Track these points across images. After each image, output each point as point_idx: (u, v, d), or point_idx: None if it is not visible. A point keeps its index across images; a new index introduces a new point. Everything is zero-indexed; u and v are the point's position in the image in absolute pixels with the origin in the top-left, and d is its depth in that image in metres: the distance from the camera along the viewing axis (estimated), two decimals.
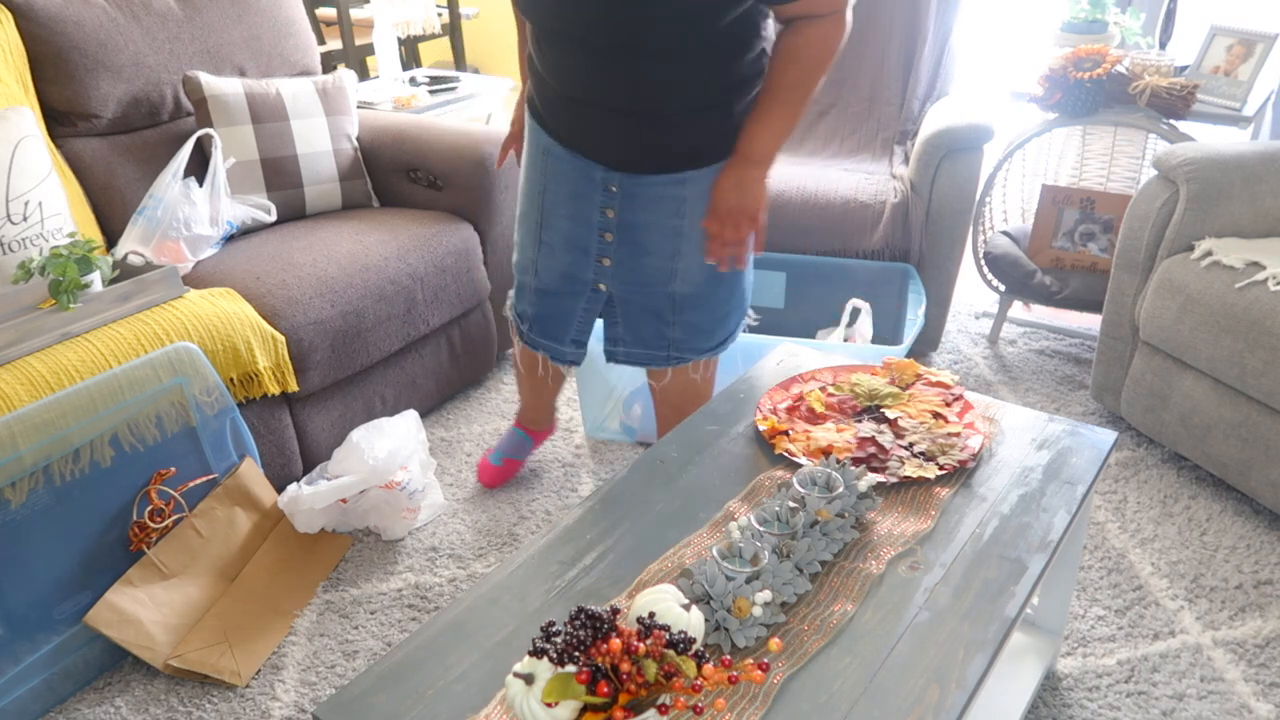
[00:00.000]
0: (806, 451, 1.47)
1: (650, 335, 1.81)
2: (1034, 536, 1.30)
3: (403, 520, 2.04)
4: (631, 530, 1.32)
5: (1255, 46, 2.48)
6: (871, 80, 2.92)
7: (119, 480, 1.72)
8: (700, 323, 1.79)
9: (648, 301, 1.77)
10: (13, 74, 2.00)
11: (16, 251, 1.81)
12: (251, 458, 1.93)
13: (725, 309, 1.80)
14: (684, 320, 1.78)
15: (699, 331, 1.80)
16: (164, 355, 1.75)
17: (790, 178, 2.58)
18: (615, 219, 1.69)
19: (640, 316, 1.79)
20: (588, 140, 1.65)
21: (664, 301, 1.76)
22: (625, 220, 1.69)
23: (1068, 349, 2.77)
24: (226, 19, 2.39)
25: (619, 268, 1.74)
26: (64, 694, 1.67)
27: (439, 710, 1.05)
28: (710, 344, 1.83)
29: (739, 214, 1.61)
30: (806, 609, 1.18)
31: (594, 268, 1.75)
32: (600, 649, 0.93)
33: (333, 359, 2.07)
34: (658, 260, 1.71)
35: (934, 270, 2.53)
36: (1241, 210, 2.10)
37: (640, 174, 1.64)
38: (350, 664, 1.75)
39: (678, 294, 1.75)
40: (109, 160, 2.18)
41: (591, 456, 2.33)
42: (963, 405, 1.57)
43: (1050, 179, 3.04)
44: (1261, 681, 1.65)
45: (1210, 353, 1.98)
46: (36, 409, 1.57)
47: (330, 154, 2.39)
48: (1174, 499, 2.11)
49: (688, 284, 1.73)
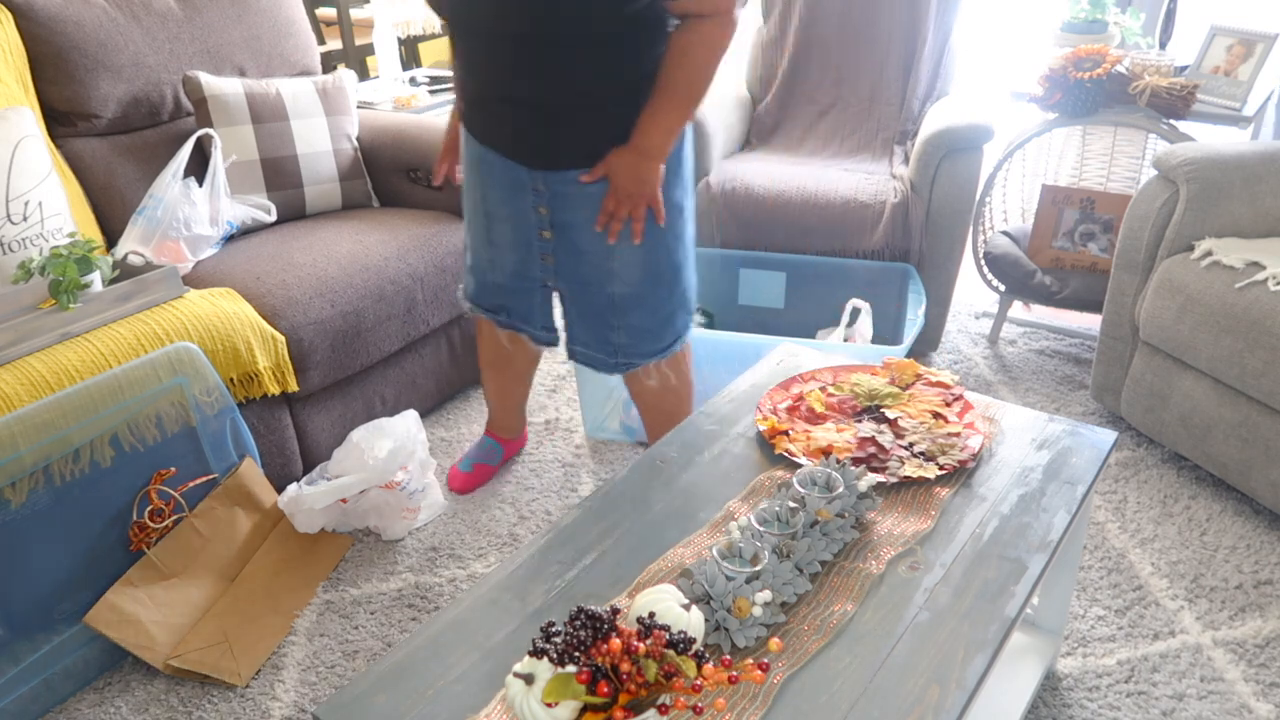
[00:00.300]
0: (806, 451, 1.47)
1: (597, 339, 1.84)
2: (1034, 536, 1.30)
3: (403, 520, 2.04)
4: (631, 530, 1.32)
5: (1255, 46, 2.48)
6: (871, 80, 2.92)
7: (119, 480, 1.72)
8: (644, 325, 1.80)
9: (592, 302, 1.79)
10: (13, 74, 2.00)
11: (16, 251, 1.81)
12: (251, 458, 1.93)
13: (668, 310, 1.81)
14: (627, 324, 1.80)
15: (644, 334, 1.81)
16: (164, 355, 1.75)
17: (790, 178, 2.58)
18: (550, 217, 1.72)
19: (587, 318, 1.82)
20: (504, 140, 1.68)
21: (605, 303, 1.78)
22: (559, 219, 1.72)
23: (1068, 349, 2.77)
24: (226, 19, 2.39)
25: (560, 266, 1.77)
26: (64, 694, 1.67)
27: (439, 710, 1.05)
28: (658, 347, 1.84)
29: (636, 198, 1.65)
30: (806, 609, 1.18)
31: (539, 265, 1.79)
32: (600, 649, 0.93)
33: (333, 359, 2.07)
34: (594, 259, 1.74)
35: (934, 270, 2.53)
36: (1241, 210, 2.10)
37: (561, 172, 1.67)
38: (350, 664, 1.75)
39: (617, 295, 1.76)
40: (109, 160, 2.18)
41: (591, 456, 2.33)
42: (963, 405, 1.57)
43: (1050, 179, 3.04)
44: (1261, 681, 1.65)
45: (1210, 353, 1.98)
46: (36, 409, 1.57)
47: (330, 154, 2.39)
48: (1174, 499, 2.11)
49: (626, 284, 1.75)
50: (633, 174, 1.62)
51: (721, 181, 2.60)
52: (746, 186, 2.57)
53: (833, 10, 2.93)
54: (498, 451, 2.26)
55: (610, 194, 1.66)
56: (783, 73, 2.98)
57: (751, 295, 2.63)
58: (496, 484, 2.22)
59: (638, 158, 1.62)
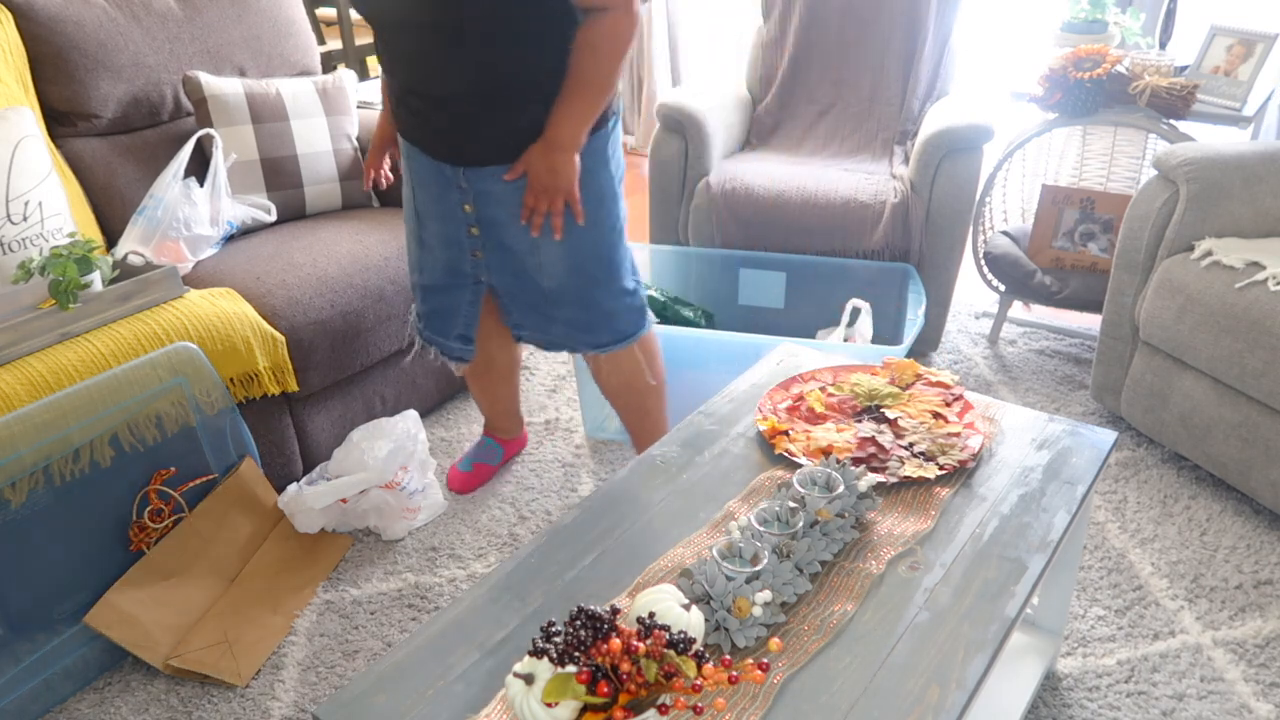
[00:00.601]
0: (806, 451, 1.47)
1: (538, 324, 1.87)
2: (1034, 536, 1.30)
3: (403, 520, 2.04)
4: (631, 530, 1.32)
5: (1255, 46, 2.48)
6: (871, 80, 2.92)
7: (119, 480, 1.72)
8: (578, 320, 1.83)
9: (525, 295, 1.82)
10: (13, 74, 2.00)
11: (16, 251, 1.81)
12: (251, 458, 1.93)
13: (606, 307, 1.83)
14: (562, 317, 1.84)
15: (580, 328, 1.84)
16: (164, 355, 1.75)
17: (790, 178, 2.58)
18: (475, 214, 1.75)
19: (525, 310, 1.86)
20: (426, 137, 1.71)
21: (539, 297, 1.81)
22: (484, 216, 1.74)
23: (1068, 349, 2.77)
24: (226, 19, 2.39)
25: (491, 261, 1.80)
26: (64, 694, 1.67)
27: (439, 710, 1.05)
28: (598, 341, 1.86)
29: (553, 192, 1.66)
30: (806, 609, 1.18)
31: (470, 261, 1.82)
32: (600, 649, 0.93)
33: (333, 359, 2.07)
34: (520, 255, 1.77)
35: (934, 270, 2.53)
36: (1241, 210, 2.10)
37: (481, 169, 1.68)
38: (350, 664, 1.75)
39: (547, 289, 1.79)
40: (109, 160, 2.18)
41: (591, 456, 2.33)
42: (963, 405, 1.57)
43: (1050, 179, 3.04)
44: (1261, 681, 1.65)
45: (1210, 353, 1.98)
46: (36, 409, 1.57)
47: (330, 154, 2.39)
48: (1174, 499, 2.11)
49: (553, 279, 1.78)
50: (547, 167, 1.63)
51: (721, 181, 2.60)
52: (746, 186, 2.57)
53: (833, 10, 2.93)
54: (497, 451, 2.26)
55: (528, 189, 1.67)
56: (783, 73, 2.98)
57: (751, 295, 2.63)
58: (496, 484, 2.22)
59: (551, 150, 1.62)
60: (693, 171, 2.68)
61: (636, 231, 3.78)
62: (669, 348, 2.21)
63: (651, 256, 2.68)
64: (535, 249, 1.75)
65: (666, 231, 2.78)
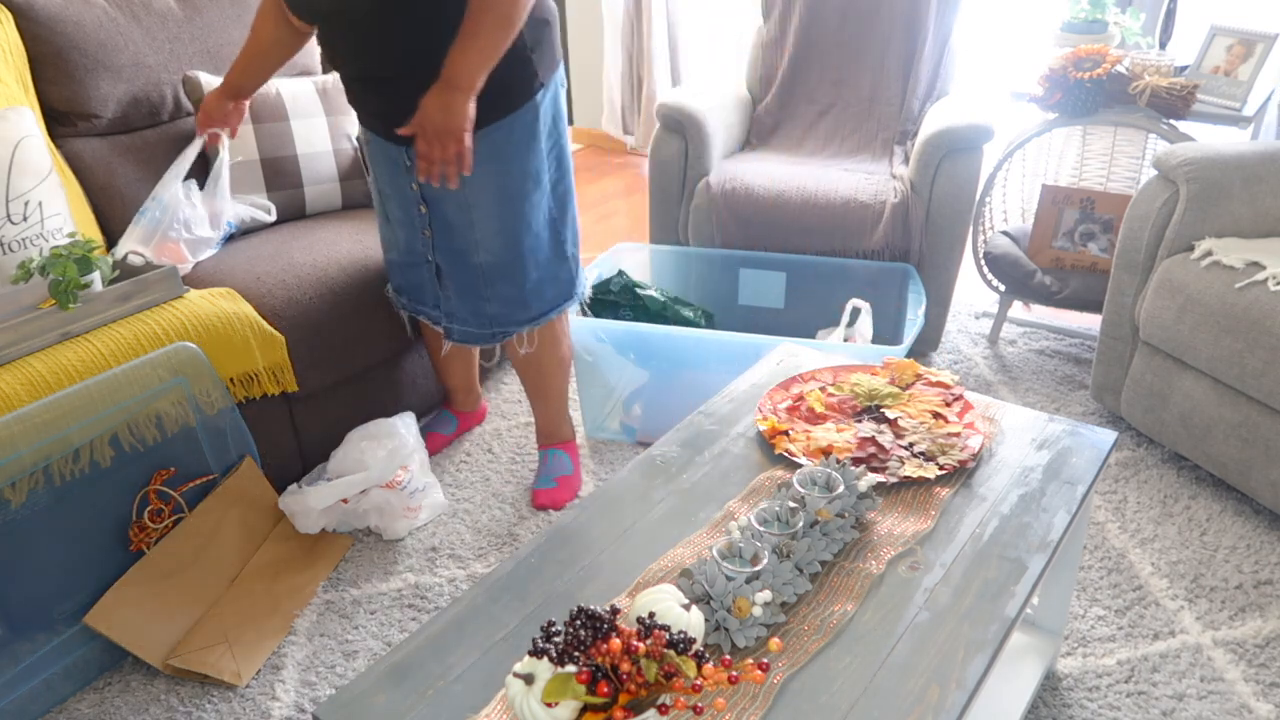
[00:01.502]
0: (806, 451, 1.47)
1: (472, 312, 1.93)
2: (1034, 536, 1.30)
3: (403, 520, 2.04)
4: (631, 530, 1.32)
5: (1255, 46, 2.48)
6: (871, 80, 2.92)
7: (119, 480, 1.72)
8: (512, 295, 1.90)
9: (463, 277, 1.89)
10: (13, 74, 2.00)
11: (16, 251, 1.81)
12: (251, 458, 1.93)
13: (536, 283, 1.91)
14: (497, 294, 1.90)
15: (513, 304, 1.91)
16: (164, 355, 1.75)
17: (790, 178, 2.58)
18: (420, 191, 1.82)
19: (461, 293, 1.92)
20: (371, 117, 1.80)
21: (474, 276, 1.88)
22: (427, 194, 1.81)
23: (1068, 349, 2.77)
24: (226, 19, 2.39)
25: (437, 239, 1.87)
26: (64, 694, 1.67)
27: (439, 710, 1.05)
28: (527, 315, 1.94)
29: (445, 134, 1.64)
30: (806, 609, 1.18)
31: (421, 240, 1.90)
32: (600, 649, 0.93)
33: (332, 359, 2.07)
34: (459, 231, 1.83)
35: (934, 270, 2.53)
36: (1241, 210, 2.10)
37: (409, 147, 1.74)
38: (350, 664, 1.75)
39: (484, 265, 1.86)
40: (109, 160, 2.18)
41: (591, 456, 2.33)
42: (963, 405, 1.57)
43: (1050, 179, 3.04)
44: (1261, 681, 1.65)
45: (1210, 353, 1.98)
46: (36, 409, 1.57)
47: (330, 154, 2.39)
48: (1174, 499, 2.11)
49: (489, 253, 1.84)
50: (440, 104, 1.62)
51: (721, 181, 2.60)
52: (746, 186, 2.57)
53: (833, 10, 2.93)
54: (451, 422, 2.38)
55: (420, 135, 1.65)
56: (783, 73, 2.98)
57: (751, 295, 2.63)
58: (497, 484, 2.23)
59: (445, 89, 1.62)
60: (693, 171, 2.68)
61: (636, 232, 3.78)
62: (669, 348, 2.22)
63: (651, 256, 2.68)
64: (470, 225, 1.81)
65: (666, 231, 2.78)
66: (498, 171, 1.78)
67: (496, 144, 1.75)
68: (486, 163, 1.76)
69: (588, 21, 4.59)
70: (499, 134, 1.75)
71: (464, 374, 2.33)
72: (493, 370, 2.69)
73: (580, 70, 4.75)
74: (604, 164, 4.63)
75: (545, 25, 1.75)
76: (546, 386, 2.11)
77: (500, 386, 2.63)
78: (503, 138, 1.75)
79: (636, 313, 2.38)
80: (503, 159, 1.77)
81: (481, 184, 1.78)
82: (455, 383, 2.34)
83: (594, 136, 4.86)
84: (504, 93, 1.72)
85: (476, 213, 1.79)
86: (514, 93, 1.74)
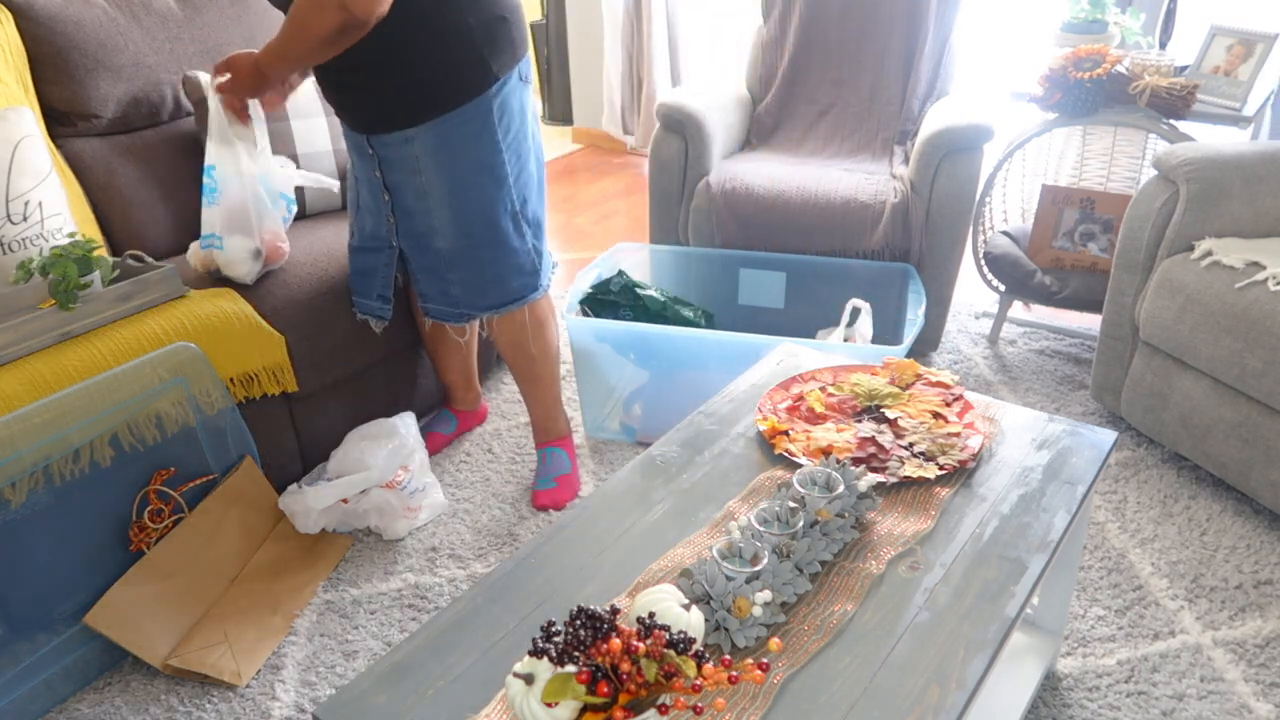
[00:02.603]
0: (806, 451, 1.47)
1: (439, 293, 1.98)
2: (1034, 536, 1.30)
3: (404, 520, 2.04)
4: (631, 530, 1.32)
5: (1255, 46, 2.48)
6: (871, 80, 2.92)
7: (119, 480, 1.72)
8: (472, 281, 1.94)
9: (426, 260, 1.94)
10: (13, 74, 2.00)
11: (16, 251, 1.81)
12: (251, 458, 1.93)
13: (496, 270, 1.94)
14: (458, 278, 1.95)
15: (474, 289, 1.95)
16: (164, 355, 1.75)
17: (790, 178, 2.58)
18: (383, 179, 1.88)
19: (427, 274, 1.97)
20: (336, 108, 1.87)
21: (436, 259, 1.93)
22: (389, 180, 1.88)
23: (1068, 349, 2.77)
24: (226, 19, 2.39)
25: (400, 224, 1.93)
26: (64, 694, 1.67)
27: (439, 710, 1.05)
28: (488, 303, 1.97)
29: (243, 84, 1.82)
30: (806, 609, 1.18)
31: (386, 226, 1.95)
32: (600, 649, 0.93)
33: (332, 359, 2.07)
34: (418, 216, 1.89)
35: (934, 270, 2.53)
36: (1241, 210, 2.10)
37: (380, 135, 1.82)
38: (350, 664, 1.75)
39: (443, 250, 1.91)
40: (109, 160, 2.18)
41: (591, 456, 2.33)
42: (963, 405, 1.57)
43: (1050, 179, 3.04)
44: (1261, 681, 1.65)
45: (1210, 353, 1.98)
46: (36, 409, 1.57)
47: (330, 154, 2.39)
48: (1174, 499, 2.11)
49: (445, 239, 1.90)
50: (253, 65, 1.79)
51: (721, 181, 2.60)
52: (746, 186, 2.57)
53: (833, 10, 2.93)
54: (451, 422, 2.39)
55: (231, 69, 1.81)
56: (783, 73, 2.98)
57: (751, 295, 2.63)
58: (497, 484, 2.23)
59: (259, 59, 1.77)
60: (693, 171, 2.68)
61: (636, 232, 3.78)
62: (669, 348, 2.22)
63: (651, 256, 2.68)
64: (428, 212, 1.87)
65: (666, 231, 2.78)
66: (448, 162, 1.82)
67: (445, 135, 1.80)
68: (436, 153, 1.81)
69: (588, 21, 4.59)
70: (447, 125, 1.79)
71: (462, 369, 2.34)
72: (493, 370, 2.69)
73: (580, 70, 4.75)
74: (604, 164, 4.63)
75: (501, 21, 1.77)
76: (536, 374, 2.12)
77: (500, 386, 2.63)
78: (451, 129, 1.79)
79: (637, 312, 2.38)
80: (452, 150, 1.81)
81: (433, 173, 1.83)
82: (454, 378, 2.34)
83: (594, 136, 4.86)
84: (454, 85, 1.76)
85: (431, 200, 1.86)
86: (464, 86, 1.77)
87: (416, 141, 1.80)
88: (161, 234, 2.23)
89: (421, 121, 1.78)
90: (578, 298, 2.40)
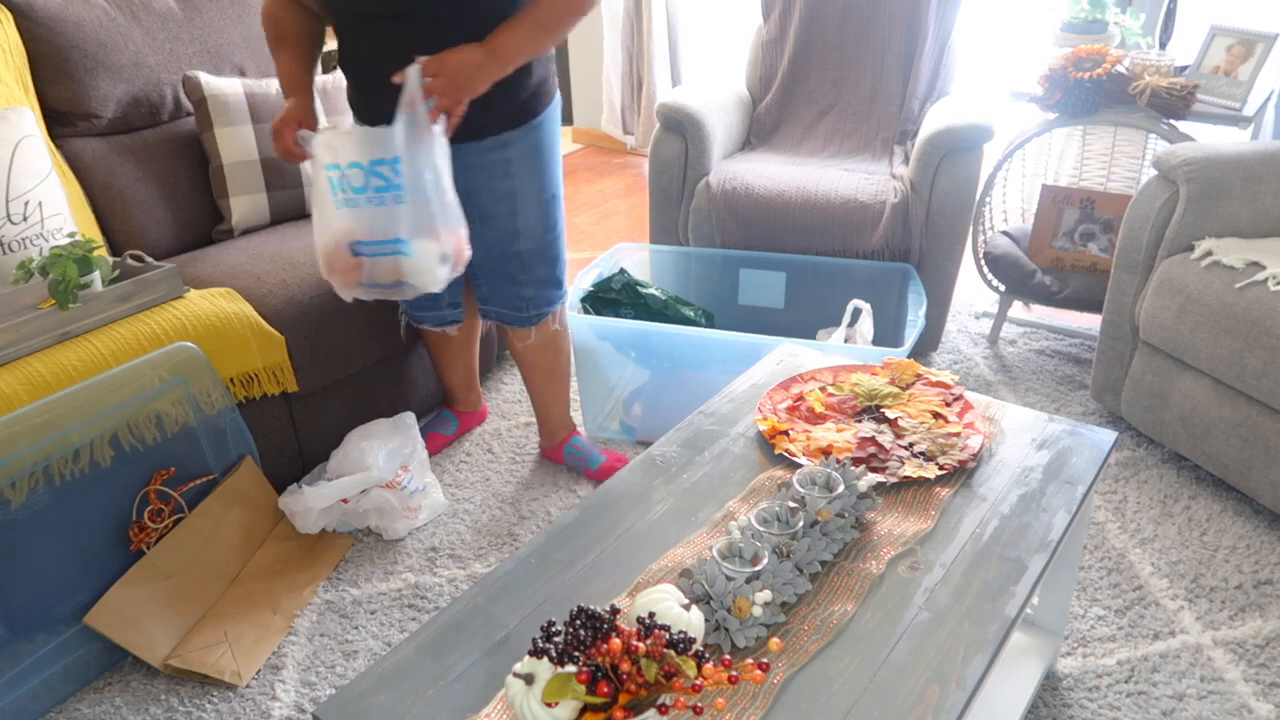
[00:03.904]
0: (806, 451, 1.47)
1: (509, 298, 1.99)
2: (1034, 536, 1.30)
3: (404, 520, 2.04)
4: (631, 530, 1.32)
5: (1255, 46, 2.48)
6: (871, 80, 2.92)
7: (119, 480, 1.72)
8: (547, 276, 1.98)
9: (500, 266, 1.94)
10: (13, 74, 2.00)
11: (16, 251, 1.81)
12: (251, 458, 1.93)
13: (556, 250, 1.97)
14: (534, 277, 1.97)
15: (547, 284, 1.99)
16: (164, 355, 1.75)
17: (790, 178, 2.58)
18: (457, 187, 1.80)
19: (497, 281, 1.97)
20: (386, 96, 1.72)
21: (514, 264, 1.93)
22: (462, 188, 1.77)
23: (1068, 349, 2.77)
24: (226, 19, 2.39)
25: (473, 233, 1.85)
26: (64, 694, 1.67)
27: (439, 710, 1.05)
28: (556, 299, 2.03)
29: (457, 86, 1.61)
30: (806, 609, 1.18)
31: None
32: (600, 649, 0.93)
33: (332, 359, 2.07)
34: (498, 223, 1.87)
35: (934, 270, 2.53)
36: (1241, 210, 2.10)
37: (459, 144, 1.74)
38: (350, 664, 1.75)
39: (524, 251, 1.92)
40: (109, 160, 2.18)
41: None
42: (963, 405, 1.57)
43: (1050, 179, 3.04)
44: (1261, 681, 1.65)
45: (1210, 353, 1.98)
46: (36, 409, 1.57)
47: None
48: (1174, 499, 2.11)
49: (530, 240, 1.91)
50: (475, 69, 1.61)
51: (721, 181, 2.60)
52: (746, 186, 2.57)
53: (833, 10, 2.93)
54: (452, 422, 2.39)
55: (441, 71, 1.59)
56: (783, 73, 2.98)
57: (751, 295, 2.63)
58: (497, 484, 2.23)
59: (487, 59, 1.62)
60: (693, 171, 2.68)
61: (636, 232, 3.78)
62: (669, 347, 2.22)
63: (651, 256, 2.68)
64: (513, 214, 1.86)
65: (666, 231, 2.78)
66: (540, 165, 1.85)
67: (541, 136, 1.84)
68: (530, 155, 1.83)
69: (588, 21, 4.59)
70: (543, 128, 1.84)
71: (465, 372, 2.34)
72: (493, 370, 2.69)
73: (580, 70, 4.75)
74: (604, 164, 4.63)
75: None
76: (563, 371, 2.18)
77: (500, 386, 2.63)
78: (546, 131, 1.85)
79: (638, 311, 2.38)
80: (544, 151, 1.86)
81: (526, 175, 1.84)
82: (456, 381, 2.35)
83: (594, 136, 4.86)
84: (544, 88, 1.82)
85: (519, 202, 1.85)
86: (547, 89, 1.84)
87: (513, 145, 1.80)
88: (161, 234, 2.23)
89: (525, 122, 1.80)
90: (579, 296, 2.40)
